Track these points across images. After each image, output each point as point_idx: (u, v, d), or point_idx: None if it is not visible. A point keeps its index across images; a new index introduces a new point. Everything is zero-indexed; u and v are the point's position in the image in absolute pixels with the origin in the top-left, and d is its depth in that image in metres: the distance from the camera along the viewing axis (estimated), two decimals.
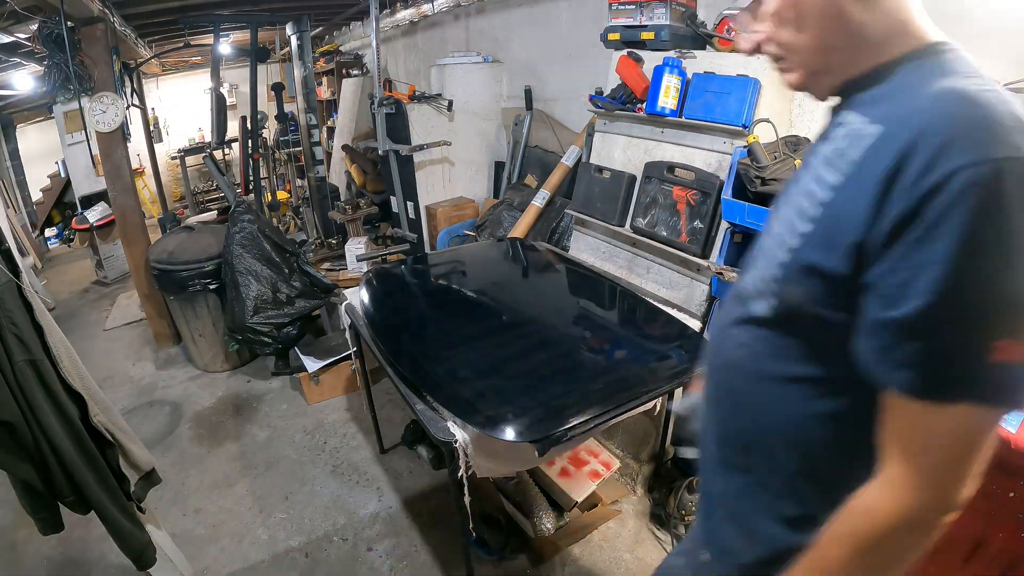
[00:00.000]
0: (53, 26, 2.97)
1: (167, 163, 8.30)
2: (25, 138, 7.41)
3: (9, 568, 2.21)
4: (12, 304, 1.26)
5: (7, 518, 2.43)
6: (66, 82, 3.19)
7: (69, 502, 1.43)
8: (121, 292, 5.16)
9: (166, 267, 3.26)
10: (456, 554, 2.20)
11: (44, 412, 1.32)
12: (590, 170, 2.56)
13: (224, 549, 2.27)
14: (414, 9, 4.45)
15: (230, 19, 4.43)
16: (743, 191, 1.86)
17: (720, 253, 2.04)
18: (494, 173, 4.23)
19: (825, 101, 0.76)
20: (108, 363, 3.85)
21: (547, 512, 2.10)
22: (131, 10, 3.77)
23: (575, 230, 2.81)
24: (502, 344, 1.84)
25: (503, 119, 4.11)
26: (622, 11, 2.31)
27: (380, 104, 3.66)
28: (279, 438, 2.95)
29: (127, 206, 3.60)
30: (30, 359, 1.29)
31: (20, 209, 7.03)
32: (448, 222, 3.89)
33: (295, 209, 5.87)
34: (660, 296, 2.34)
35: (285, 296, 3.22)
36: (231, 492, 2.58)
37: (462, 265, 2.70)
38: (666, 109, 2.14)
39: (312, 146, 4.50)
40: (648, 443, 2.40)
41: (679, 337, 1.93)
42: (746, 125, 1.94)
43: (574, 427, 1.47)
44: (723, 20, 2.10)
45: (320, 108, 6.23)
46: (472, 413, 1.50)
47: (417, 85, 4.09)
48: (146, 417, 3.20)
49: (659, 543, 2.22)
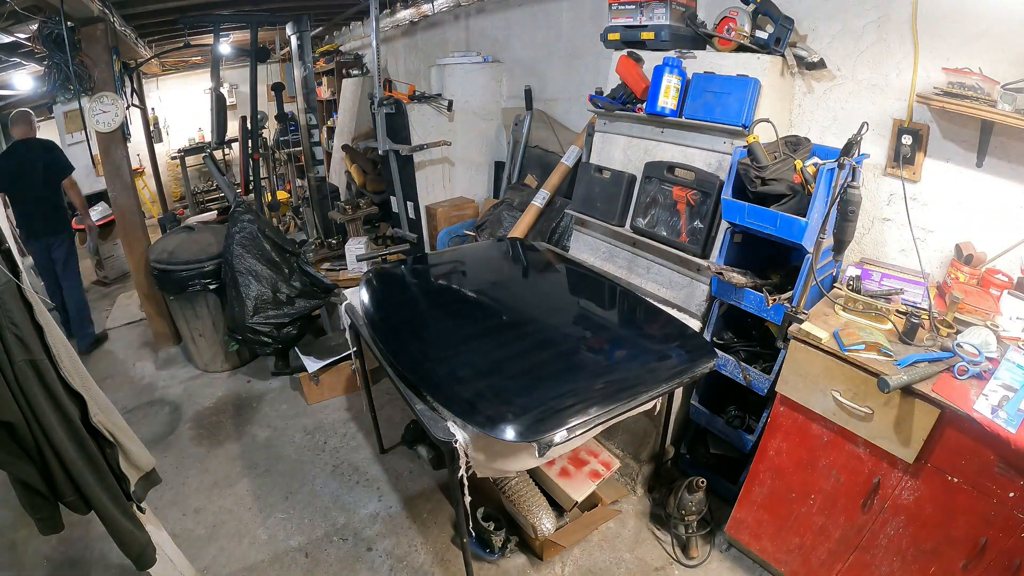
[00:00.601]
0: (53, 26, 2.97)
1: (167, 163, 8.31)
2: None
3: (9, 568, 2.21)
4: (12, 304, 1.26)
5: (7, 518, 2.43)
6: (66, 82, 3.18)
7: (69, 502, 1.43)
8: (121, 292, 5.16)
9: (166, 267, 3.26)
10: (456, 554, 2.20)
11: (44, 412, 1.32)
12: (590, 170, 2.56)
13: (224, 549, 2.27)
14: (414, 9, 4.45)
15: (230, 19, 4.43)
16: (743, 191, 1.86)
17: (720, 253, 2.04)
18: (494, 173, 4.23)
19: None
20: (108, 363, 3.85)
21: (547, 512, 2.10)
22: (131, 10, 3.78)
23: (575, 230, 2.81)
24: (502, 344, 1.84)
25: (503, 119, 4.11)
26: (622, 11, 2.30)
27: (380, 104, 3.66)
28: (279, 438, 2.95)
29: (127, 206, 3.60)
30: (30, 359, 1.29)
31: None
32: (448, 222, 3.89)
33: (295, 209, 5.87)
34: (660, 296, 2.34)
35: (285, 296, 3.22)
36: (231, 492, 2.59)
37: (462, 265, 2.70)
38: (666, 109, 2.14)
39: (312, 146, 4.50)
40: (648, 443, 2.40)
41: (679, 337, 1.93)
42: (746, 125, 1.94)
43: (574, 427, 1.48)
44: (723, 20, 2.09)
45: (320, 108, 6.23)
46: (472, 413, 1.50)
47: (417, 85, 4.08)
48: (146, 417, 3.20)
49: (659, 543, 2.23)
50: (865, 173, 1.99)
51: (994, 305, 1.59)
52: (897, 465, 1.52)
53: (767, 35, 1.99)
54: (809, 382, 1.65)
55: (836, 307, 1.75)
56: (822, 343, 1.58)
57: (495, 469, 1.65)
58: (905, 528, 1.54)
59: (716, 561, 2.14)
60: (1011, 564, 1.34)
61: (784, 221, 1.73)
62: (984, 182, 1.75)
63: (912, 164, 1.88)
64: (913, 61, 1.80)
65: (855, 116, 2.00)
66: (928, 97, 1.67)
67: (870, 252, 2.07)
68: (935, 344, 1.51)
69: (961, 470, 1.39)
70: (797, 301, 1.74)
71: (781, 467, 1.83)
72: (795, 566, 1.88)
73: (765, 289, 1.92)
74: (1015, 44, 1.59)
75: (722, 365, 2.08)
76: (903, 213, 1.88)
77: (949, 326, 1.58)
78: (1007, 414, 1.25)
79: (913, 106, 1.84)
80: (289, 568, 2.18)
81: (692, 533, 2.13)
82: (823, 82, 2.09)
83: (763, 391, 1.99)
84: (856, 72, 1.99)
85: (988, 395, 1.31)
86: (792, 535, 1.86)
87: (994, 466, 1.32)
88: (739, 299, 1.99)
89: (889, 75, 1.90)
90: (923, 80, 1.79)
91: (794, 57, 1.99)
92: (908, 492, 1.52)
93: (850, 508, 1.67)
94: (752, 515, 1.98)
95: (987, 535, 1.37)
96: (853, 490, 1.65)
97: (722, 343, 2.17)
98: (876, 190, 2.01)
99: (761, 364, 2.04)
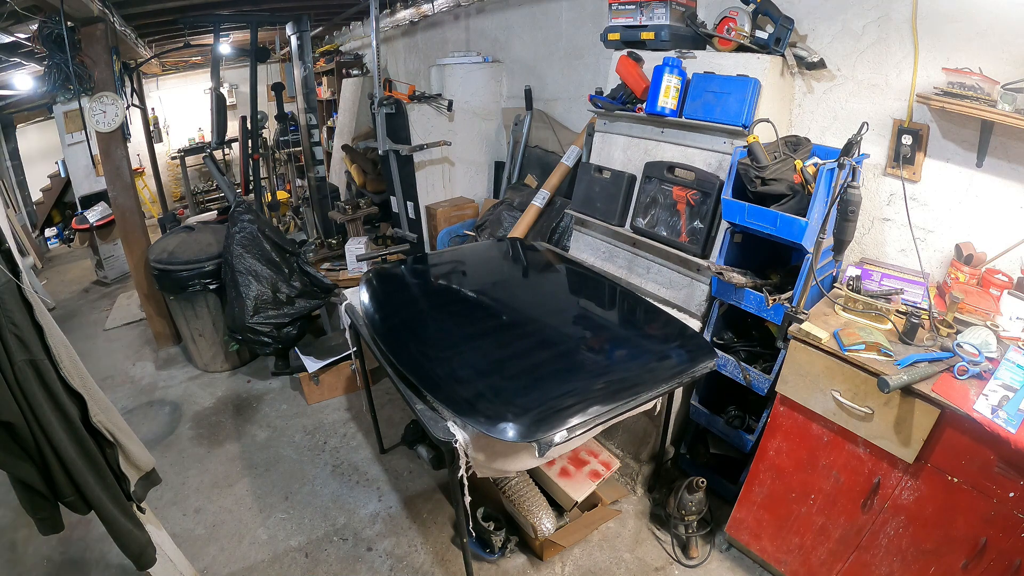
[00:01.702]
0: (53, 26, 2.97)
1: (167, 163, 8.31)
2: (25, 138, 7.40)
3: (9, 568, 2.21)
4: (12, 304, 1.26)
5: (7, 518, 2.43)
6: (66, 82, 3.18)
7: (69, 502, 1.43)
8: (121, 292, 5.16)
9: (166, 267, 3.26)
10: (456, 554, 2.20)
11: (44, 412, 1.32)
12: (590, 170, 2.56)
13: (224, 549, 2.27)
14: (414, 9, 4.45)
15: (230, 19, 4.43)
16: (743, 191, 1.86)
17: (720, 253, 2.04)
18: (494, 173, 4.23)
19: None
20: (108, 363, 3.85)
21: (547, 512, 2.10)
22: (131, 10, 3.77)
23: (575, 230, 2.81)
24: (502, 344, 1.84)
25: (503, 119, 4.11)
26: (622, 11, 2.30)
27: (380, 104, 3.66)
28: (279, 438, 2.95)
29: (127, 206, 3.60)
30: (30, 359, 1.29)
31: (20, 209, 7.03)
32: (448, 222, 3.89)
33: (295, 209, 5.86)
34: (660, 296, 2.34)
35: (285, 296, 3.22)
36: (231, 492, 2.59)
37: (462, 265, 2.70)
38: (666, 109, 2.14)
39: (312, 146, 4.50)
40: (648, 443, 2.40)
41: (679, 337, 1.93)
42: (746, 125, 1.94)
43: (574, 427, 1.48)
44: (723, 20, 2.09)
45: (320, 108, 6.23)
46: (472, 413, 1.50)
47: (417, 85, 4.08)
48: (146, 417, 3.20)
49: (659, 543, 2.23)
50: (865, 173, 1.99)
51: (994, 305, 1.59)
52: (897, 465, 1.52)
53: (767, 35, 1.99)
54: (809, 382, 1.65)
55: (836, 307, 1.75)
56: (822, 343, 1.58)
57: (495, 469, 1.65)
58: (905, 528, 1.54)
59: (716, 561, 2.14)
60: (1011, 564, 1.34)
61: (784, 221, 1.73)
62: (984, 182, 1.75)
63: (912, 164, 1.88)
64: (913, 61, 1.80)
65: (855, 116, 2.00)
66: (928, 97, 1.67)
67: (870, 252, 2.07)
68: (935, 344, 1.51)
69: (961, 470, 1.39)
70: (797, 301, 1.74)
71: (781, 467, 1.83)
72: (795, 566, 1.88)
73: (765, 289, 1.92)
74: (1015, 44, 1.59)
75: (722, 365, 2.08)
76: (903, 213, 1.89)
77: (949, 326, 1.58)
78: (1007, 414, 1.25)
79: (913, 106, 1.84)
80: (289, 568, 2.18)
81: (692, 533, 2.13)
82: (823, 82, 2.09)
83: (763, 391, 1.99)
84: (856, 72, 1.99)
85: (988, 395, 1.31)
86: (792, 535, 1.86)
87: (994, 466, 1.32)
88: (739, 299, 1.99)
89: (889, 75, 1.90)
90: (923, 80, 1.79)
91: (794, 57, 1.99)
92: (908, 492, 1.52)
93: (850, 508, 1.67)
94: (752, 515, 1.98)
95: (987, 535, 1.37)
96: (853, 490, 1.65)
97: (722, 343, 2.17)
98: (876, 190, 2.01)
99: (761, 364, 2.04)
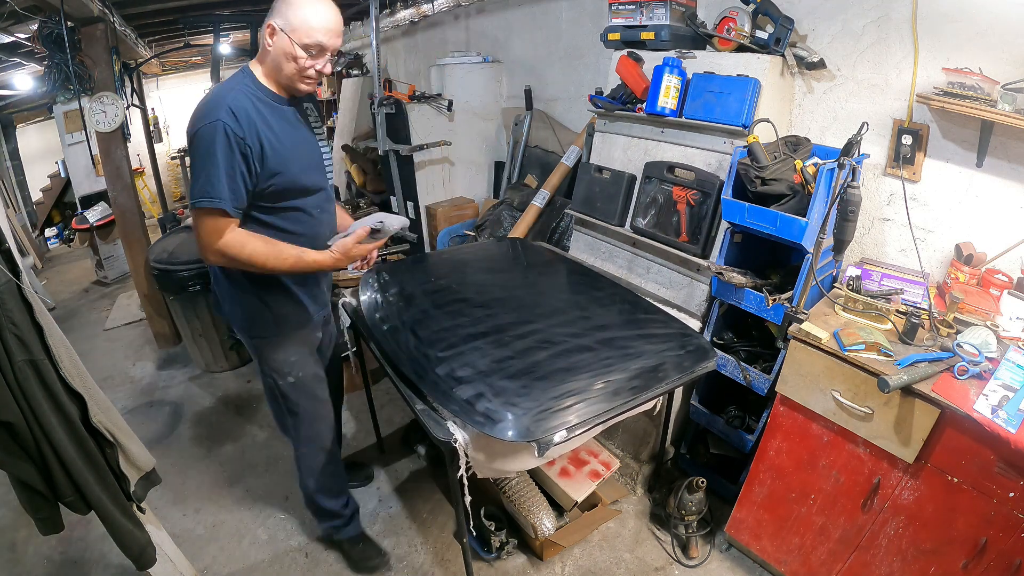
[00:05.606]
0: (53, 26, 2.98)
1: (167, 163, 8.31)
2: (25, 138, 7.41)
3: (9, 568, 2.21)
4: (12, 304, 1.26)
5: (7, 518, 2.43)
6: (66, 82, 3.19)
7: (69, 502, 1.43)
8: (121, 292, 5.16)
9: (166, 267, 3.26)
10: (455, 554, 2.20)
11: (44, 412, 1.32)
12: (590, 170, 2.56)
13: (224, 549, 2.27)
14: (414, 9, 4.45)
15: (230, 19, 4.43)
16: (743, 191, 1.86)
17: (720, 253, 2.04)
18: (494, 173, 4.22)
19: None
20: (108, 363, 3.85)
21: (547, 512, 2.10)
22: (131, 10, 3.77)
23: (575, 230, 2.81)
24: (502, 344, 1.84)
25: (503, 119, 4.11)
26: (622, 11, 2.30)
27: (380, 104, 3.66)
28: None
29: (127, 206, 3.60)
30: (30, 359, 1.29)
31: (20, 209, 7.03)
32: (448, 222, 3.88)
33: None
34: (660, 296, 2.34)
35: None
36: (231, 492, 2.58)
37: (462, 265, 2.69)
38: (666, 109, 2.14)
39: None
40: (648, 443, 2.40)
41: (679, 337, 1.93)
42: (746, 125, 1.94)
43: (574, 427, 1.48)
44: (723, 20, 2.09)
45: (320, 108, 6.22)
46: (472, 413, 1.50)
47: (417, 85, 4.08)
48: (146, 417, 3.20)
49: (659, 543, 2.23)
50: (865, 173, 1.99)
51: (994, 305, 1.59)
52: (897, 465, 1.52)
53: (767, 35, 1.99)
54: (809, 382, 1.65)
55: (836, 307, 1.75)
56: (822, 343, 1.58)
57: (495, 469, 1.65)
58: (905, 528, 1.54)
59: (716, 561, 2.14)
60: (1011, 564, 1.34)
61: (784, 221, 1.73)
62: (984, 182, 1.76)
63: (912, 164, 1.88)
64: (913, 61, 1.80)
65: (855, 116, 2.00)
66: (928, 97, 1.67)
67: (870, 252, 2.07)
68: (935, 344, 1.51)
69: (961, 470, 1.39)
70: (797, 301, 1.74)
71: (781, 467, 1.83)
72: (795, 566, 1.89)
73: (765, 289, 1.92)
74: (1015, 44, 1.59)
75: (722, 365, 2.08)
76: (903, 213, 1.89)
77: (949, 326, 1.58)
78: (1007, 414, 1.25)
79: (913, 106, 1.84)
80: (289, 568, 2.18)
81: (692, 533, 2.13)
82: (823, 82, 2.09)
83: (763, 391, 1.99)
84: (856, 72, 1.99)
85: (988, 395, 1.31)
86: (792, 535, 1.86)
87: (994, 466, 1.32)
88: (739, 299, 1.99)
89: (889, 75, 1.90)
90: (923, 80, 1.79)
91: (794, 57, 1.99)
92: (908, 492, 1.52)
93: (850, 508, 1.67)
94: (752, 515, 1.98)
95: (987, 535, 1.37)
96: (853, 490, 1.65)
97: (722, 343, 2.18)
98: (876, 190, 2.01)
99: (761, 364, 2.04)
